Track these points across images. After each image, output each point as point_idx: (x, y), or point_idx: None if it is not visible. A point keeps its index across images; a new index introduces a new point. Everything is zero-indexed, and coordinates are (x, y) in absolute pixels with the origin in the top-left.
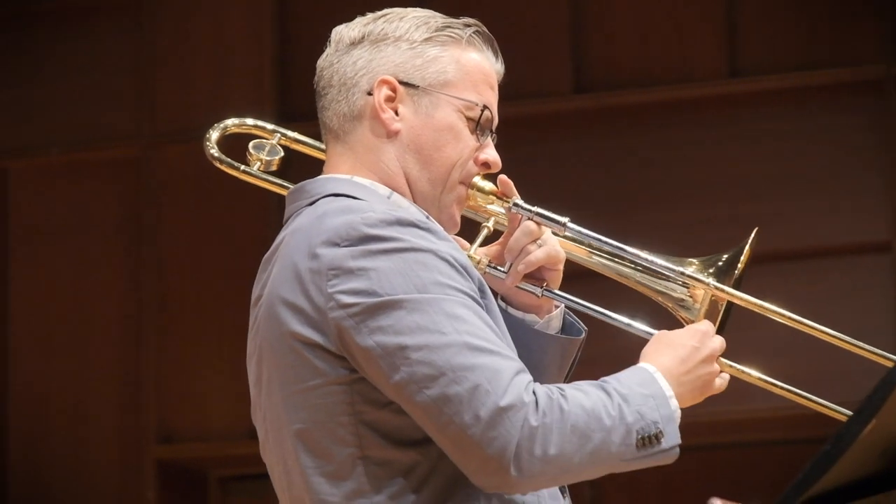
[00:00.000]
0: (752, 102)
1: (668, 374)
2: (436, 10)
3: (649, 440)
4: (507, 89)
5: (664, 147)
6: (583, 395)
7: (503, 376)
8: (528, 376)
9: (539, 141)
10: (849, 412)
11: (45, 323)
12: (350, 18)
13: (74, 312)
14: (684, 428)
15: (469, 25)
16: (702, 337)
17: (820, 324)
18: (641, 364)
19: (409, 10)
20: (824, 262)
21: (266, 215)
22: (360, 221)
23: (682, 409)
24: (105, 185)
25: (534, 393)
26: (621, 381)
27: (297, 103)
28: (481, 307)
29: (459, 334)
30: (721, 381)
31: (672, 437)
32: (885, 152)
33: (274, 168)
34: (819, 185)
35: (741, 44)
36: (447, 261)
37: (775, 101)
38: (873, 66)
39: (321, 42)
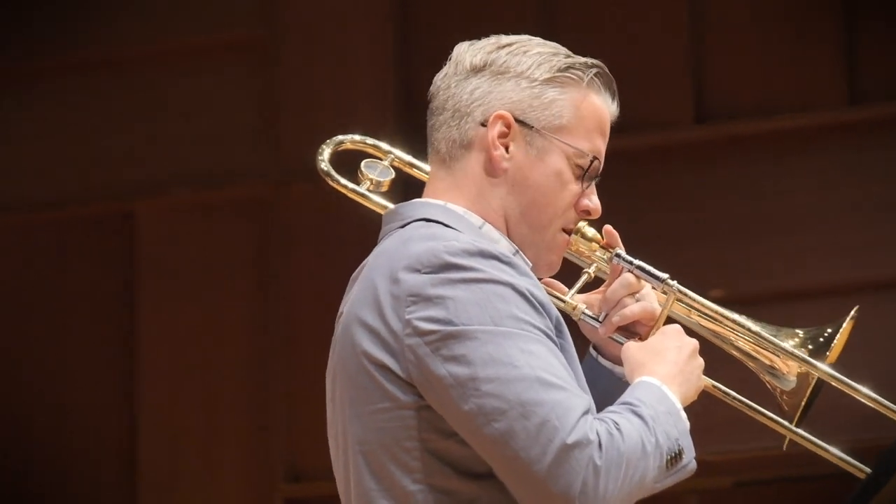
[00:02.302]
0: (873, 130)
1: (668, 380)
2: (558, 39)
3: (674, 459)
4: (628, 121)
5: (784, 176)
6: (632, 428)
7: (572, 414)
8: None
9: (660, 171)
10: (862, 465)
11: (173, 363)
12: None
13: (202, 352)
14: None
15: (591, 67)
16: (677, 335)
17: None
18: (647, 379)
19: (534, 43)
20: None
21: None
22: (442, 249)
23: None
24: (232, 225)
25: (598, 433)
26: (645, 402)
27: (421, 141)
28: (556, 345)
29: (532, 369)
30: None
31: (690, 451)
32: None
33: (384, 189)
34: None
35: (861, 71)
36: (524, 296)
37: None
38: None
39: None
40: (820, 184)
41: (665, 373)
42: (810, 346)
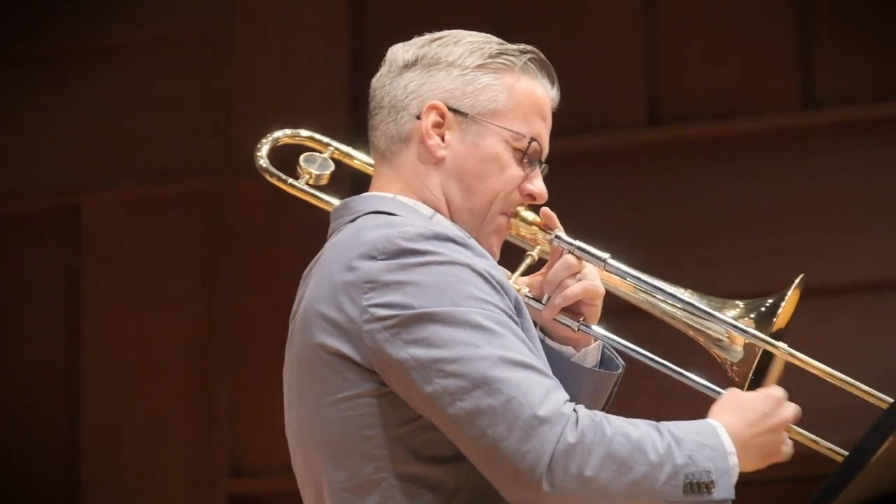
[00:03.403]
0: (826, 134)
1: (734, 434)
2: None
3: (698, 487)
4: (579, 122)
5: (737, 178)
6: (630, 426)
7: (537, 390)
8: (564, 394)
9: (612, 173)
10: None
11: (118, 356)
12: None
13: (147, 346)
14: None
15: (524, 52)
16: (775, 404)
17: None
18: (707, 419)
19: (466, 33)
20: (887, 295)
21: None
22: (397, 235)
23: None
24: (178, 219)
25: (574, 410)
26: (679, 426)
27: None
28: (516, 324)
29: (494, 348)
30: (787, 449)
31: (724, 491)
32: None
33: (324, 182)
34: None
35: (814, 75)
36: (483, 276)
37: (849, 133)
38: None
39: None
40: (773, 187)
41: (733, 424)
42: (752, 316)
